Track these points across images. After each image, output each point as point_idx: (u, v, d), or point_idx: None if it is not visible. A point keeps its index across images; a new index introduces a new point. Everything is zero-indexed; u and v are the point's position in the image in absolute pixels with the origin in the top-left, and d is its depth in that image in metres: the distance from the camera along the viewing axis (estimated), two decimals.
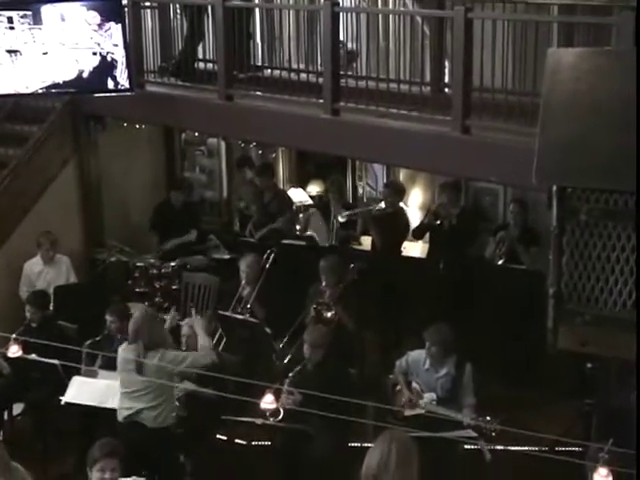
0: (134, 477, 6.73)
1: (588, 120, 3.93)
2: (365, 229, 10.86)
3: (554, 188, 4.10)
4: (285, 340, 9.28)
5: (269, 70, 10.28)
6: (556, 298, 4.20)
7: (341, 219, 10.76)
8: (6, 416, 9.32)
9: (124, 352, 7.96)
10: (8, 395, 9.23)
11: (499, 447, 7.84)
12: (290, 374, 8.17)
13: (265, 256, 10.14)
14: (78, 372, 8.43)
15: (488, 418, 7.68)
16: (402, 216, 10.76)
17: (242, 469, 8.32)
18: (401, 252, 10.73)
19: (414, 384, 8.31)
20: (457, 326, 8.34)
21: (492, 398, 8.80)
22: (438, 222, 10.27)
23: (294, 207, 12.18)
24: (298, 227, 11.87)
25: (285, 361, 8.96)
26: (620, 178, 3.88)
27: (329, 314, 9.32)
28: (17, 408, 9.36)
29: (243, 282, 9.75)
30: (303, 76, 9.54)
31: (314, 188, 13.05)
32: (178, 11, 10.80)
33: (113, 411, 8.04)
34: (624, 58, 4.04)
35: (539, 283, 8.63)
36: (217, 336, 9.51)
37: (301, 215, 12.13)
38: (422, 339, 8.35)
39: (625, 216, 4.01)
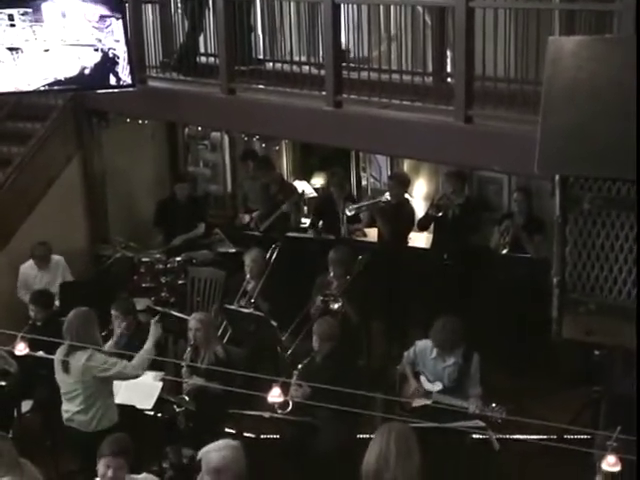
0: (144, 474, 6.73)
1: (589, 108, 3.92)
2: (371, 221, 10.84)
3: (557, 177, 4.10)
4: (289, 332, 9.29)
5: (271, 63, 10.26)
6: (560, 287, 4.20)
7: (349, 212, 10.76)
8: (15, 413, 9.33)
9: (58, 351, 7.90)
10: (16, 393, 9.24)
11: (507, 436, 7.85)
12: (299, 366, 8.17)
13: (270, 250, 10.15)
14: None
15: (494, 405, 7.68)
16: (407, 207, 10.76)
17: (251, 462, 8.31)
18: (407, 243, 10.72)
19: (421, 376, 8.31)
20: (462, 316, 8.33)
21: (499, 387, 8.82)
22: (441, 213, 10.25)
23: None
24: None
25: (289, 353, 8.97)
26: (622, 166, 3.87)
27: (336, 306, 9.32)
28: (25, 405, 9.37)
29: (248, 276, 9.77)
30: (305, 68, 9.52)
31: (318, 180, 13.04)
32: (179, 5, 10.78)
33: (121, 406, 8.08)
34: (624, 45, 4.03)
35: (544, 271, 8.60)
36: (222, 329, 9.58)
37: None
38: (428, 329, 8.34)
39: (628, 204, 4.00)
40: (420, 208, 11.25)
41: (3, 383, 9.20)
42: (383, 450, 5.78)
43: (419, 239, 11.04)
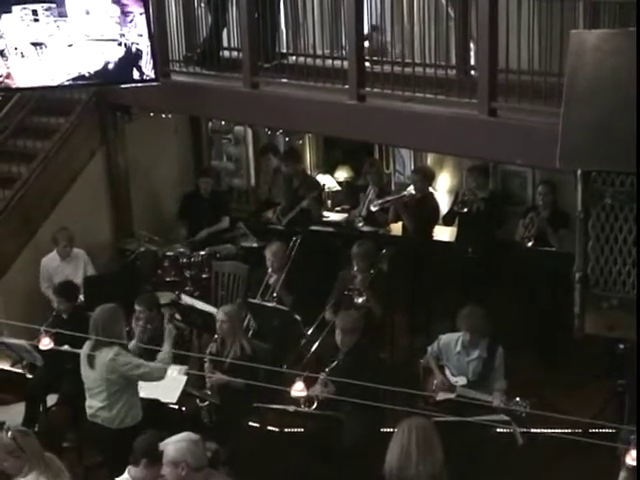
0: None
1: (611, 102, 3.89)
2: (396, 216, 10.82)
3: (579, 171, 4.07)
4: (314, 326, 9.29)
5: (294, 57, 10.25)
6: (583, 283, 4.18)
7: (373, 208, 10.76)
8: (40, 407, 9.37)
9: (85, 346, 7.90)
10: (42, 387, 9.29)
11: (532, 430, 7.82)
12: (326, 369, 8.14)
13: (291, 243, 10.16)
14: None
15: (518, 399, 7.66)
16: (431, 201, 10.74)
17: (275, 455, 8.34)
18: (432, 237, 10.70)
19: (446, 370, 8.31)
20: (487, 309, 8.31)
21: (523, 381, 8.80)
22: (466, 209, 10.21)
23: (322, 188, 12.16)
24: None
25: (314, 347, 8.98)
26: None
27: (360, 300, 9.31)
28: (51, 399, 9.41)
29: (269, 270, 9.78)
30: (328, 62, 9.51)
31: (342, 174, 13.03)
32: None
33: (145, 400, 8.11)
34: None
35: (569, 265, 8.57)
36: (246, 324, 9.58)
37: None
38: (451, 322, 8.34)
39: None
40: (444, 202, 11.22)
41: (30, 376, 9.27)
42: (404, 447, 5.77)
43: (443, 233, 11.02)
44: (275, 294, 9.67)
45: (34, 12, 9.37)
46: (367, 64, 9.07)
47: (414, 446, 5.74)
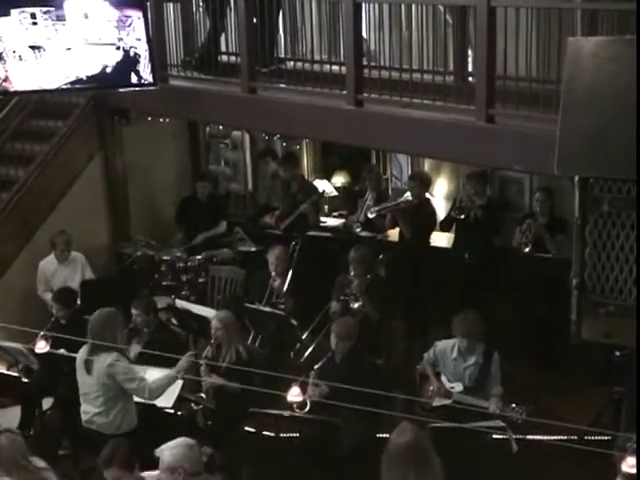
0: None
1: (609, 109, 3.90)
2: (394, 221, 10.83)
3: (576, 178, 4.08)
4: (309, 331, 9.29)
5: (292, 62, 10.25)
6: (579, 289, 4.18)
7: (370, 215, 10.76)
8: (36, 412, 9.35)
9: (82, 351, 7.87)
10: (38, 390, 9.27)
11: (528, 437, 7.82)
12: (315, 367, 8.16)
13: (291, 248, 10.16)
14: None
15: (514, 405, 7.66)
16: (428, 207, 10.73)
17: (271, 460, 8.32)
18: (429, 243, 10.70)
19: (442, 376, 8.30)
20: (484, 315, 8.32)
21: (520, 386, 8.81)
22: (463, 216, 10.22)
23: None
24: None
25: (309, 352, 8.97)
26: None
27: (356, 305, 9.32)
28: (46, 403, 9.39)
29: (273, 274, 9.78)
30: (326, 67, 9.52)
31: (339, 179, 13.03)
32: (200, 4, 10.79)
33: (141, 404, 8.10)
34: None
35: (566, 271, 8.57)
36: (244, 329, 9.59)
37: None
38: (448, 328, 8.35)
39: None
40: (441, 207, 11.23)
41: (26, 379, 9.25)
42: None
43: (440, 239, 11.02)
44: (281, 297, 9.68)
45: (33, 15, 9.38)
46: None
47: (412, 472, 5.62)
